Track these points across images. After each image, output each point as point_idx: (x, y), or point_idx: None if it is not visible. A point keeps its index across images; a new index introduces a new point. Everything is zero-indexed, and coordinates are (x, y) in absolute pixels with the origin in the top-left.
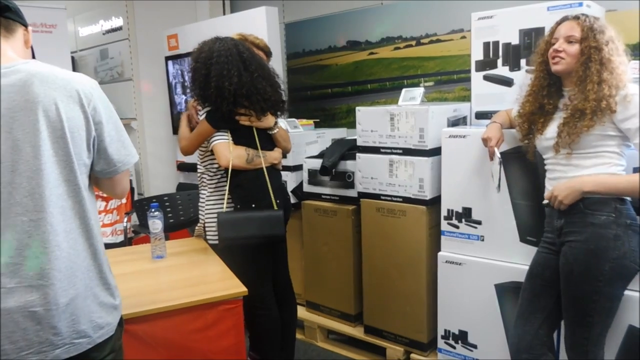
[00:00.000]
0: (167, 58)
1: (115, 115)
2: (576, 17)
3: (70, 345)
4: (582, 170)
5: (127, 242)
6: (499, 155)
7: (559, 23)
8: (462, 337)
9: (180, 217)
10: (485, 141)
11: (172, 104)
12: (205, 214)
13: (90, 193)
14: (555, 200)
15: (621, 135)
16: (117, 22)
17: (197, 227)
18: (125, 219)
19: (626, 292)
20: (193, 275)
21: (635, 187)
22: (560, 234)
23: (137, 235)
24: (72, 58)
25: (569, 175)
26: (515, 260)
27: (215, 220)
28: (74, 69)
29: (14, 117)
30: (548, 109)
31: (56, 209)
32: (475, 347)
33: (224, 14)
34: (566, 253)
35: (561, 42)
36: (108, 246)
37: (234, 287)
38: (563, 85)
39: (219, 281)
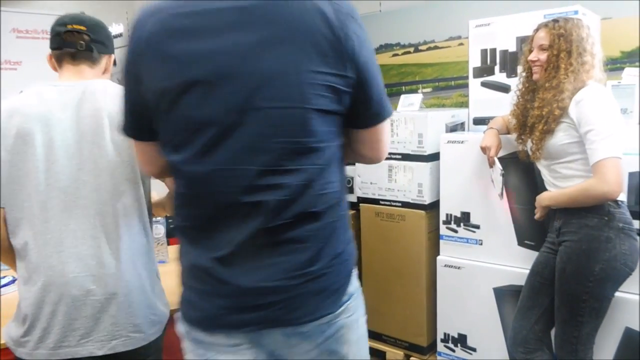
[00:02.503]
0: None
1: None
2: (546, 25)
3: (126, 338)
4: (568, 180)
5: None
6: (500, 166)
7: (535, 31)
8: (461, 340)
9: None
10: (484, 150)
11: None
12: None
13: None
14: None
15: None
16: (117, 28)
17: None
18: None
19: (623, 295)
20: None
21: (576, 196)
22: (558, 234)
23: None
24: None
25: (559, 185)
26: (514, 264)
27: None
28: None
29: (84, 122)
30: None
31: (119, 204)
32: (474, 350)
33: None
34: (561, 253)
35: (536, 52)
36: None
37: None
38: None
39: None
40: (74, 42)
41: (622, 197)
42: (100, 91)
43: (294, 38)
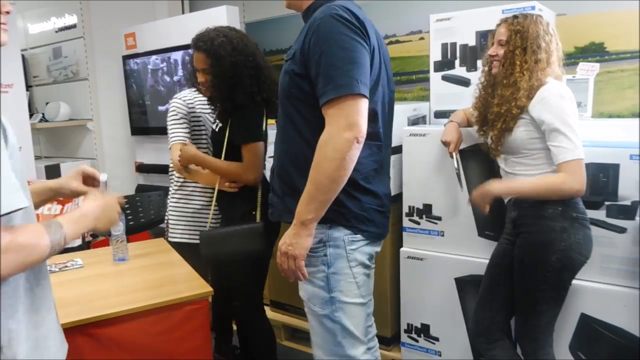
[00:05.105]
0: (125, 57)
1: None
2: (506, 20)
3: None
4: (525, 172)
5: (86, 245)
6: (455, 164)
7: (497, 25)
8: (424, 330)
9: (140, 219)
10: (445, 144)
11: (130, 103)
12: (169, 210)
13: None
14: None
15: None
16: (70, 19)
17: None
18: None
19: (578, 282)
20: (157, 276)
21: (537, 189)
22: (514, 225)
23: (95, 239)
24: (22, 56)
25: (517, 176)
26: (474, 254)
27: (179, 217)
28: (25, 68)
29: None
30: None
31: None
32: (437, 339)
33: (183, 12)
34: (519, 244)
35: (495, 46)
36: (66, 250)
37: (200, 287)
38: None
39: (184, 282)
40: None
41: None
42: None
43: None
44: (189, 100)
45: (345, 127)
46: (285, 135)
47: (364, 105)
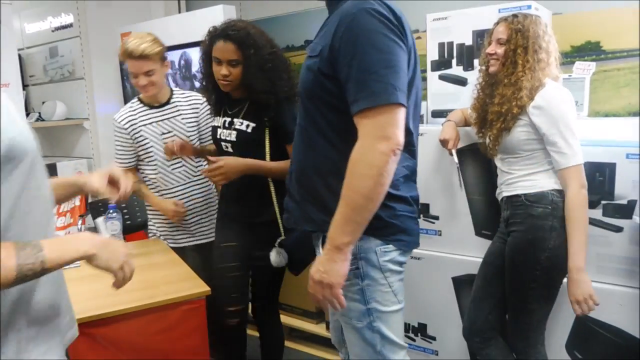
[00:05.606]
0: None
1: None
2: (506, 19)
3: None
4: (521, 172)
5: None
6: (456, 160)
7: (495, 24)
8: (421, 329)
9: (137, 218)
10: (442, 142)
11: (127, 103)
12: (148, 216)
13: None
14: (586, 306)
15: None
16: (67, 19)
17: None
18: (80, 222)
19: None
20: (154, 276)
21: (582, 230)
22: (507, 224)
23: None
24: (19, 56)
25: (512, 174)
26: (471, 253)
27: (155, 222)
28: (21, 67)
29: None
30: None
31: None
32: (434, 339)
33: (179, 12)
34: (509, 243)
35: (494, 45)
36: None
37: (196, 287)
38: None
39: (181, 281)
40: None
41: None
42: None
43: None
44: (125, 118)
45: (381, 139)
46: (307, 137)
47: (401, 114)
